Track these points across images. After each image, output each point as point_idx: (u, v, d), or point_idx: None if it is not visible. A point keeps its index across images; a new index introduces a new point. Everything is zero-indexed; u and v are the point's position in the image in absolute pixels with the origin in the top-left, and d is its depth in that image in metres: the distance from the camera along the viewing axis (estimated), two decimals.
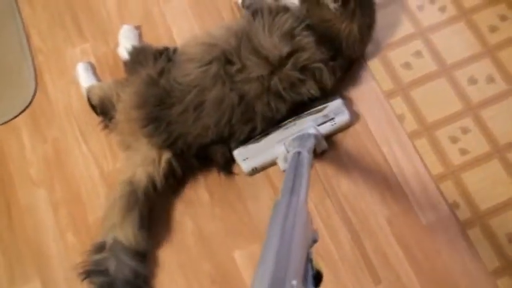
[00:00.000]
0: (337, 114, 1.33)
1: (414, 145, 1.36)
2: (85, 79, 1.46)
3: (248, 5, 1.46)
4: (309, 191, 0.89)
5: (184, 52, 1.34)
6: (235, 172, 1.36)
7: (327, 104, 1.33)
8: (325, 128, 1.33)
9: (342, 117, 1.34)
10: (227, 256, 1.31)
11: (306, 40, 1.27)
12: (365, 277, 1.26)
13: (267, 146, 1.32)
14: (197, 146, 1.28)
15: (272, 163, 1.35)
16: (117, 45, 1.50)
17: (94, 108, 1.41)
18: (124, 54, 1.43)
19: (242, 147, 1.32)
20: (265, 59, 1.25)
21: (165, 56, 1.34)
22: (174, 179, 1.31)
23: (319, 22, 1.29)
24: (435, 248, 1.26)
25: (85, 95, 1.43)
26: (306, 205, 0.80)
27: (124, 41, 1.48)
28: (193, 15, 1.56)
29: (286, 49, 1.25)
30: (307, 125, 1.32)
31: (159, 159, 1.27)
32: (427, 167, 1.33)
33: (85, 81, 1.46)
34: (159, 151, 1.27)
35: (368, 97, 1.42)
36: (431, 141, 1.36)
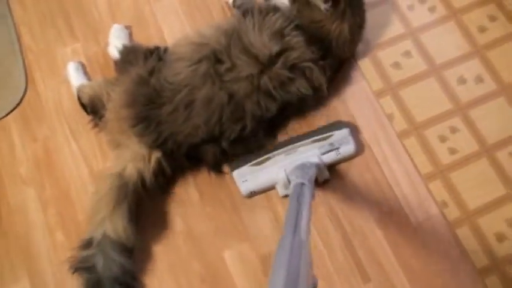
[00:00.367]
0: (342, 144, 1.30)
1: (403, 144, 1.36)
2: (75, 78, 1.46)
3: (239, 5, 1.47)
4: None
5: (174, 51, 1.34)
6: (225, 172, 1.36)
7: (333, 133, 1.30)
8: (329, 158, 1.30)
9: (347, 147, 1.31)
10: (217, 256, 1.31)
11: (296, 39, 1.27)
12: (354, 276, 1.26)
13: (268, 171, 1.29)
14: (187, 146, 1.28)
15: (271, 188, 1.33)
16: (108, 44, 1.50)
17: (84, 107, 1.41)
18: (114, 53, 1.44)
19: (242, 168, 1.30)
20: (255, 58, 1.25)
21: (156, 56, 1.34)
22: (164, 178, 1.31)
23: (309, 22, 1.30)
24: (424, 247, 1.27)
25: (75, 94, 1.43)
26: (309, 241, 0.83)
27: (114, 41, 1.48)
28: (184, 14, 1.56)
29: (276, 48, 1.25)
30: (310, 153, 1.29)
31: (149, 157, 1.27)
32: (416, 166, 1.34)
33: (75, 80, 1.46)
34: (149, 150, 1.27)
35: (358, 96, 1.42)
36: (420, 140, 1.36)
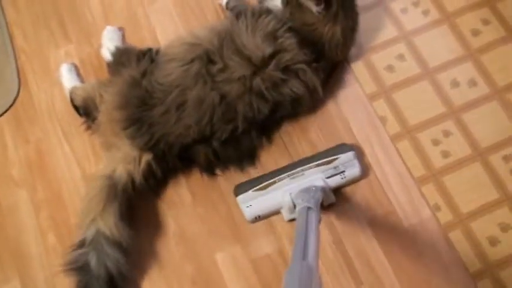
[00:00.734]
0: (347, 167, 1.28)
1: (396, 147, 1.36)
2: (68, 80, 1.46)
3: (232, 7, 1.47)
4: None
5: (166, 53, 1.34)
6: (217, 173, 1.36)
7: (338, 156, 1.28)
8: (334, 181, 1.28)
9: (353, 170, 1.29)
10: (209, 258, 1.30)
11: (289, 41, 1.27)
12: (346, 279, 1.25)
13: (273, 195, 1.27)
14: (179, 146, 1.27)
15: (276, 212, 1.31)
16: (101, 46, 1.50)
17: (77, 109, 1.41)
18: (107, 55, 1.44)
19: (246, 193, 1.28)
20: (247, 59, 1.25)
21: (148, 57, 1.34)
22: (155, 180, 1.31)
23: (301, 25, 1.30)
24: (417, 250, 1.26)
25: (68, 96, 1.43)
26: (318, 267, 0.83)
27: (107, 42, 1.47)
28: (178, 16, 1.56)
29: (268, 50, 1.25)
30: (315, 177, 1.27)
31: (140, 159, 1.26)
32: (409, 170, 1.33)
33: (68, 82, 1.46)
34: (140, 152, 1.27)
35: (351, 99, 1.42)
36: (413, 143, 1.36)
